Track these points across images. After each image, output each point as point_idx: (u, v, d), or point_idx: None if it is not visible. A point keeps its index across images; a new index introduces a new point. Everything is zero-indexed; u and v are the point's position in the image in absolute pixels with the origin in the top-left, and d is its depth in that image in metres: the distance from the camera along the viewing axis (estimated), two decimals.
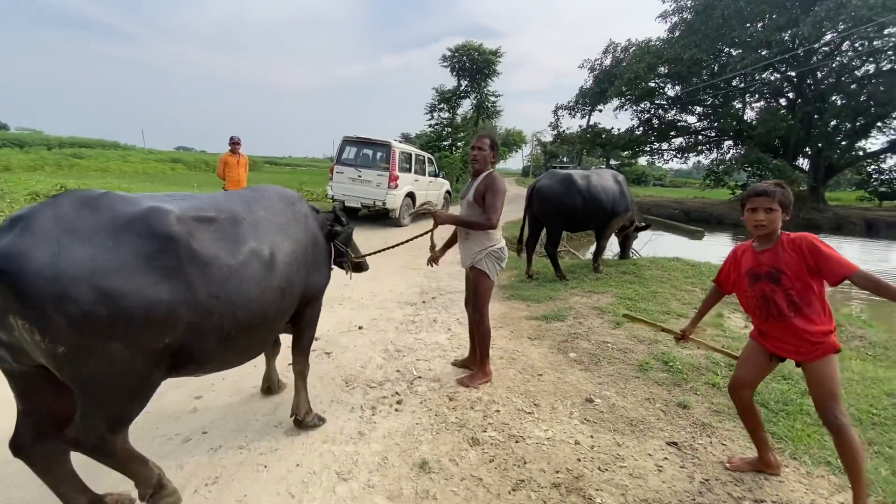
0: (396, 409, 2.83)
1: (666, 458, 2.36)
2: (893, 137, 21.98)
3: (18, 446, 1.56)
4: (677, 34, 23.27)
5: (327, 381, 3.15)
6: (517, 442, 2.52)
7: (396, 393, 3.03)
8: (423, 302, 5.15)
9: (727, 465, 2.28)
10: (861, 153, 23.43)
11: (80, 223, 1.43)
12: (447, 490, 2.13)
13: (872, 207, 24.65)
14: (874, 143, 23.37)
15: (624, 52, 25.38)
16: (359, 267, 3.04)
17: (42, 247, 1.33)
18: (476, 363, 3.30)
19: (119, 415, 1.59)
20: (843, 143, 22.54)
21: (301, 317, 2.40)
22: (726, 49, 22.70)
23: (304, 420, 2.55)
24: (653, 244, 10.64)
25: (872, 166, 24.47)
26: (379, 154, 11.29)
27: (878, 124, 21.57)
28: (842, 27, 17.54)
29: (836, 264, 1.84)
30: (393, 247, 3.39)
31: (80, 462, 1.71)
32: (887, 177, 23.84)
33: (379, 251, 3.30)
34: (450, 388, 3.11)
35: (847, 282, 1.83)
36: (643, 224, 7.19)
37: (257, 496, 2.05)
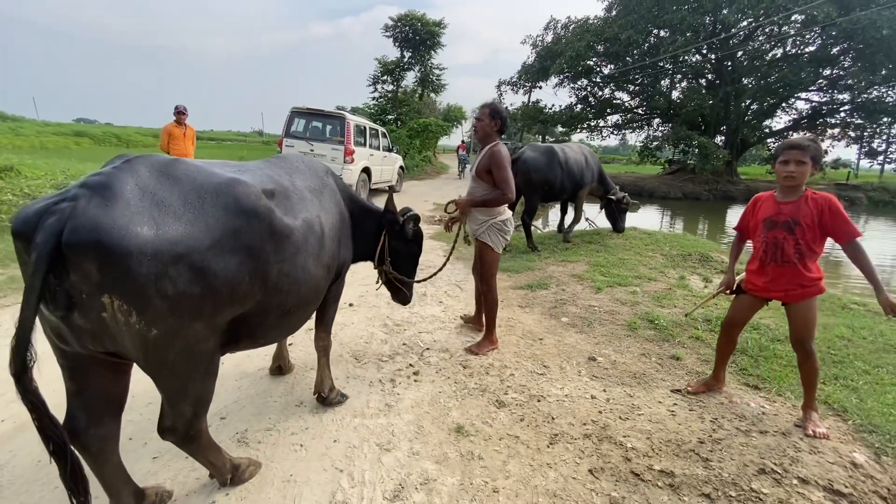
0: (415, 380, 2.84)
1: (675, 404, 2.60)
2: (795, 117, 24.70)
3: (73, 431, 1.42)
4: (614, 13, 24.15)
5: (336, 359, 3.07)
6: (539, 401, 2.64)
7: (410, 365, 3.03)
8: None
9: (688, 389, 2.68)
10: (768, 131, 26.12)
11: (165, 194, 1.33)
12: (490, 450, 2.21)
13: (776, 181, 27.75)
14: (779, 122, 26.19)
15: (564, 29, 25.95)
16: (397, 294, 2.92)
17: (139, 220, 1.23)
18: (481, 322, 3.45)
19: (203, 396, 1.55)
20: (754, 121, 24.98)
21: (328, 291, 2.32)
22: (655, 31, 24.00)
23: (328, 397, 2.49)
24: (600, 216, 11.34)
25: (778, 143, 27.40)
26: (330, 127, 10.82)
27: (783, 105, 24.09)
28: (761, 13, 19.16)
29: (849, 228, 2.13)
30: (440, 269, 3.37)
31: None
32: None
33: (429, 277, 3.30)
34: (461, 357, 3.17)
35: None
36: (623, 198, 6.95)
37: (304, 474, 2.00)
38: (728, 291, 2.58)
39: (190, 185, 1.40)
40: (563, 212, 7.40)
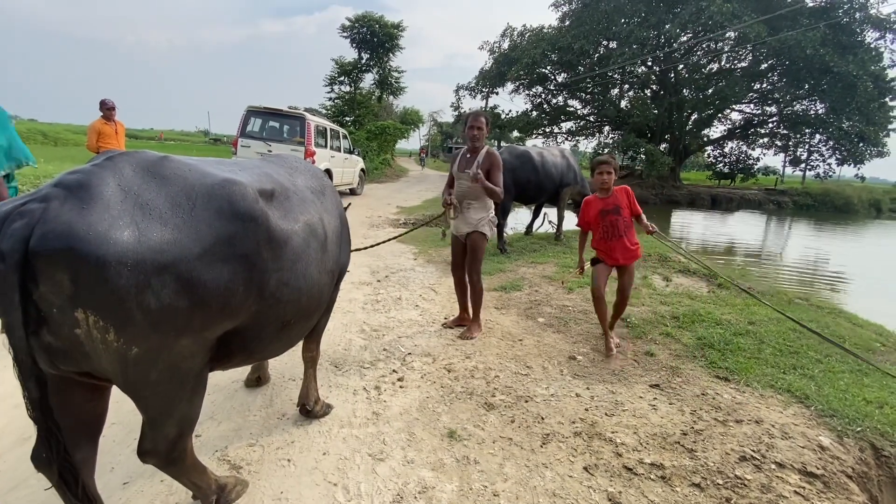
0: (401, 387, 2.78)
1: (655, 398, 2.70)
2: (729, 127, 26.67)
3: (43, 459, 1.25)
4: (567, 24, 25.06)
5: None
6: (527, 402, 2.66)
7: (394, 371, 2.96)
8: (378, 281, 5.01)
9: (610, 353, 3.26)
10: (706, 139, 28.01)
11: (151, 196, 1.19)
12: (485, 453, 2.19)
13: (714, 186, 29.85)
14: (715, 131, 28.18)
15: (521, 36, 26.61)
16: None
17: (120, 226, 1.09)
18: (468, 320, 3.68)
19: (189, 416, 1.41)
20: (694, 130, 26.72)
21: None
22: (605, 42, 25.15)
23: (313, 409, 2.38)
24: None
25: (716, 151, 29.45)
26: (288, 127, 10.49)
27: (720, 115, 25.94)
28: (700, 30, 20.58)
29: (638, 207, 3.29)
30: (411, 230, 3.46)
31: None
32: (728, 159, 28.84)
33: (384, 241, 3.26)
34: (443, 361, 3.13)
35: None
36: None
37: (295, 490, 1.89)
38: (581, 272, 3.63)
39: (179, 186, 1.27)
40: (536, 215, 7.58)
